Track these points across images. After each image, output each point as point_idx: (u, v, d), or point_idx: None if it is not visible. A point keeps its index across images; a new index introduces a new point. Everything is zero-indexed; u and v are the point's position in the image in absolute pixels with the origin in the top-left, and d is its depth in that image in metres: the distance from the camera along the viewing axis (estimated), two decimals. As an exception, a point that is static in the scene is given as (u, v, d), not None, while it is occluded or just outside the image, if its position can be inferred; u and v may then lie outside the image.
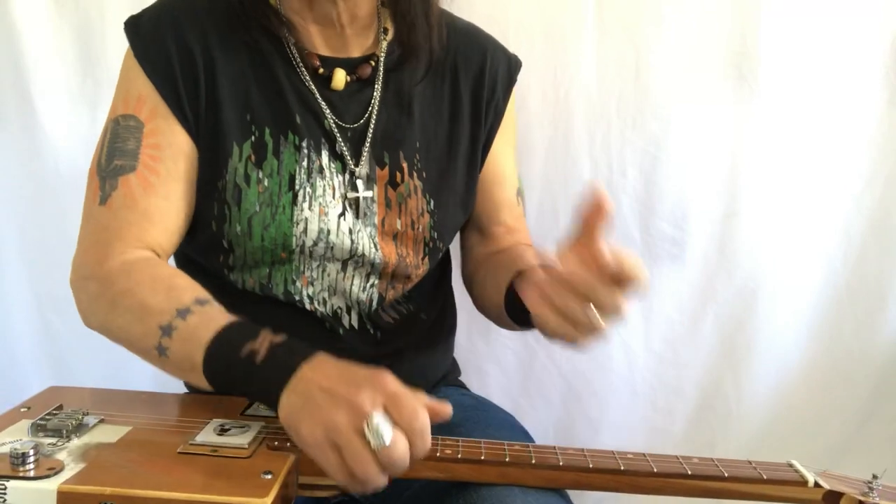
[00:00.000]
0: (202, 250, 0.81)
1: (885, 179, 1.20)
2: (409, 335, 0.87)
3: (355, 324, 0.83)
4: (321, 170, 0.79)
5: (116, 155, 0.76)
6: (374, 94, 0.83)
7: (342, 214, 0.80)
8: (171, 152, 0.76)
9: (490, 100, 0.88)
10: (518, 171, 0.96)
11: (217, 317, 0.66)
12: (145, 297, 0.68)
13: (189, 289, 0.70)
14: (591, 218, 0.59)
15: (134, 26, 0.79)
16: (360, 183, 0.81)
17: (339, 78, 0.81)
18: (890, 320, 1.24)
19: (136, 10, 0.83)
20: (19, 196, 1.29)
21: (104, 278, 0.72)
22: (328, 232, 0.79)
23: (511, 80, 0.91)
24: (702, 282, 1.27)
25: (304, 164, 0.79)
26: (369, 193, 0.81)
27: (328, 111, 0.81)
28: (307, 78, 0.80)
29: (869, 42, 1.15)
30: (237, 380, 0.62)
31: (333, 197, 0.80)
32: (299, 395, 0.58)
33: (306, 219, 0.78)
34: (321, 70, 0.81)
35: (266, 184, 0.77)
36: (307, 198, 0.78)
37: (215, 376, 0.64)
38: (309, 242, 0.79)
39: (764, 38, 1.16)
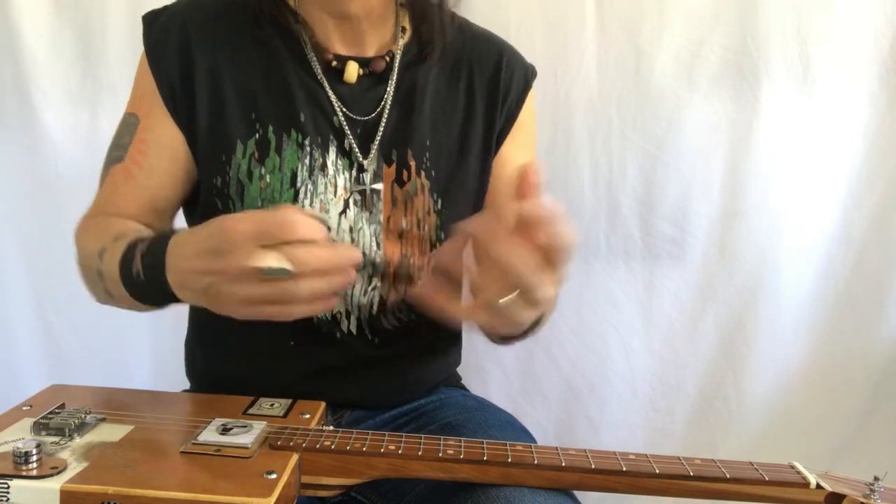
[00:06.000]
0: None
1: (885, 179, 1.20)
2: (408, 342, 0.87)
3: (353, 329, 0.83)
4: (324, 167, 0.80)
5: (115, 147, 0.82)
6: (388, 89, 0.83)
7: (343, 213, 0.80)
8: (157, 149, 0.80)
9: (504, 102, 0.88)
10: None
11: (120, 248, 0.69)
12: (88, 247, 0.75)
13: (112, 230, 0.74)
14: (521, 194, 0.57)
15: (150, 20, 0.82)
16: (366, 177, 0.81)
17: (352, 71, 0.81)
18: (890, 320, 1.24)
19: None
20: (19, 195, 1.28)
21: (76, 240, 0.80)
22: (328, 229, 0.79)
23: (527, 86, 0.90)
24: (702, 282, 1.27)
25: (307, 161, 0.79)
26: (377, 186, 0.81)
27: (338, 105, 0.81)
28: (319, 73, 0.81)
29: (869, 42, 1.16)
30: (147, 297, 0.68)
31: (335, 195, 0.80)
32: (187, 288, 0.62)
33: None
34: (334, 63, 0.81)
35: (268, 180, 0.78)
36: (308, 195, 0.79)
37: (141, 299, 0.69)
38: None
39: (764, 38, 1.16)
